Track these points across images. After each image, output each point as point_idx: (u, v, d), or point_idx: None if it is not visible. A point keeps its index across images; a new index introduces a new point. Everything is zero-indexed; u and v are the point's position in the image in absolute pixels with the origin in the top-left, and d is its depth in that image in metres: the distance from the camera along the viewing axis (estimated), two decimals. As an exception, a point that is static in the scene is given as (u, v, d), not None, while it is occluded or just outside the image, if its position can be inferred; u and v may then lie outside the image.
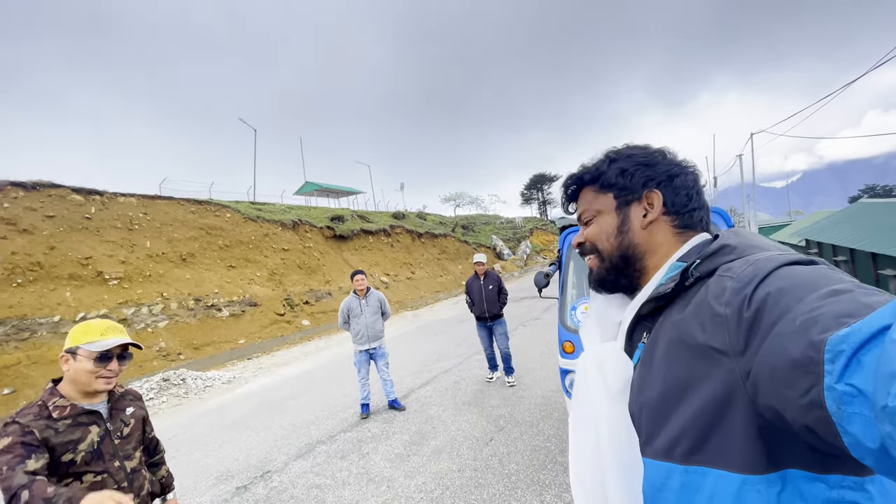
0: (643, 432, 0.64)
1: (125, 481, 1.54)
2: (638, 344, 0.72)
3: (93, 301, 9.53)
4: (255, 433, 5.02)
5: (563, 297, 2.92)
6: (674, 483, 0.58)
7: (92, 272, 9.98)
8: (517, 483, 3.23)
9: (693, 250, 0.70)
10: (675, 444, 0.58)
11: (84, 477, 1.43)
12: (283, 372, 8.54)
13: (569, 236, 3.12)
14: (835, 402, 0.38)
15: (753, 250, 0.60)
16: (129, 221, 11.69)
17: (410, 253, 23.06)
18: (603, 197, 0.80)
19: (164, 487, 1.89)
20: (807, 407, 0.41)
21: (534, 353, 7.08)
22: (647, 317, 0.71)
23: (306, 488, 3.56)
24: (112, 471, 1.51)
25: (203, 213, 14.02)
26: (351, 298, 5.14)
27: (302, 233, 17.37)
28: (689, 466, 0.56)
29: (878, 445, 0.35)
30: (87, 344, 1.46)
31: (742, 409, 0.51)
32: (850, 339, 0.38)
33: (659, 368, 0.63)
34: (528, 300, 13.99)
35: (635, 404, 0.67)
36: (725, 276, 0.57)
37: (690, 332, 0.58)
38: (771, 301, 0.48)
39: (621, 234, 0.77)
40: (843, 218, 14.24)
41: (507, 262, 31.14)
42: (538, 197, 59.17)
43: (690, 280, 0.63)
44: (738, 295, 0.52)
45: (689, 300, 0.62)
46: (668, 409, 0.60)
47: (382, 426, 4.72)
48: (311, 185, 29.78)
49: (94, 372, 1.47)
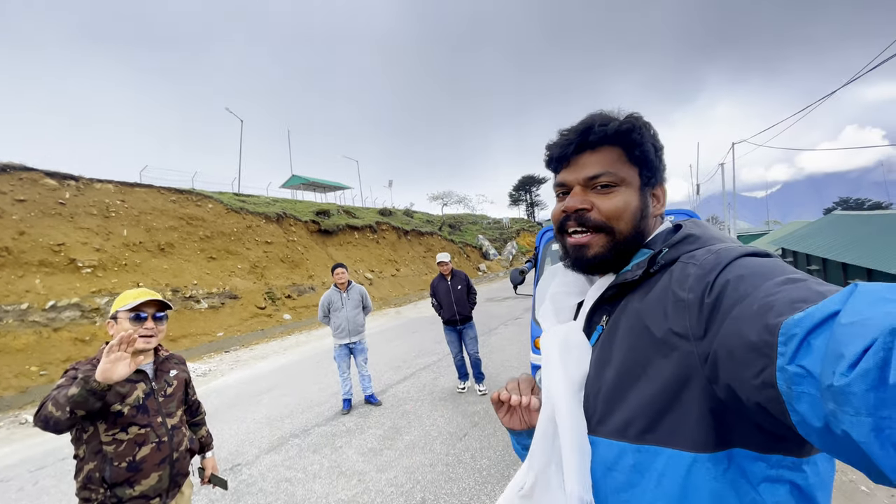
0: (598, 412, 0.64)
1: (166, 436, 1.68)
2: (596, 326, 0.71)
3: (64, 289, 9.25)
4: (228, 426, 4.94)
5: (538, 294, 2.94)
6: (625, 462, 0.59)
7: (64, 259, 9.68)
8: (487, 478, 3.25)
9: (658, 238, 0.71)
10: (629, 424, 0.59)
11: (129, 429, 1.59)
12: (260, 365, 8.42)
13: (546, 234, 3.14)
14: (785, 382, 0.40)
15: (714, 241, 0.63)
16: (106, 208, 11.39)
17: (396, 250, 22.98)
18: (628, 168, 0.70)
19: (204, 446, 2.07)
20: (760, 387, 0.43)
21: (512, 351, 7.14)
22: (608, 300, 0.71)
23: (276, 482, 3.52)
24: (154, 425, 1.65)
25: (184, 202, 13.74)
26: (331, 292, 5.09)
27: (286, 226, 17.16)
28: (641, 446, 0.58)
29: (823, 423, 0.37)
30: (123, 307, 1.63)
31: (697, 391, 0.53)
32: (803, 323, 0.40)
33: (618, 351, 0.64)
34: (511, 300, 14.09)
35: (592, 385, 0.67)
36: (689, 264, 0.59)
37: (652, 317, 0.60)
38: (731, 287, 0.50)
39: (644, 218, 0.71)
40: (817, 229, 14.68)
41: (492, 262, 31.27)
42: (526, 198, 59.52)
43: (656, 267, 0.64)
44: (700, 281, 0.54)
45: (653, 286, 0.63)
46: (624, 390, 0.61)
47: (357, 420, 4.70)
48: (297, 179, 29.42)
49: (133, 330, 1.58)
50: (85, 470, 1.55)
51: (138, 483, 1.58)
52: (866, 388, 0.33)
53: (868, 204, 42.72)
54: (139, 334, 1.62)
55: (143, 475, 1.60)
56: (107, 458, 1.55)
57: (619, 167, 0.69)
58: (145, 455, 1.61)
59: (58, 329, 8.71)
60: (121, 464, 1.55)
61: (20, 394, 7.31)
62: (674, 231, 0.70)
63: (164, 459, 1.67)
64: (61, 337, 8.63)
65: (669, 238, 0.67)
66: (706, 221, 0.73)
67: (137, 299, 1.66)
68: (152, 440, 1.64)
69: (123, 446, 1.57)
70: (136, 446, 1.59)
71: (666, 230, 0.72)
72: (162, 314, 1.75)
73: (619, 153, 0.70)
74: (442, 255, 5.43)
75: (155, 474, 1.63)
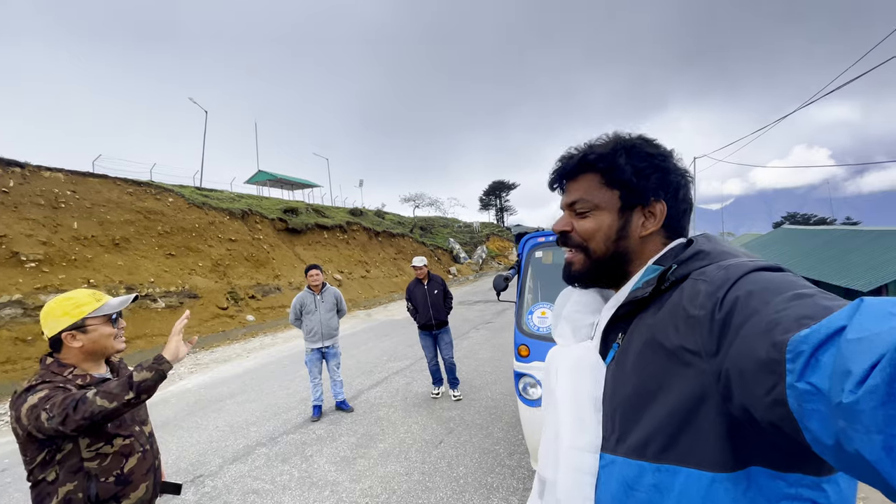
0: (616, 431, 0.64)
1: (147, 444, 1.61)
2: (612, 344, 0.71)
3: (4, 284, 8.50)
4: (188, 434, 4.66)
5: (521, 302, 2.94)
6: (646, 482, 0.59)
7: (6, 252, 8.91)
8: (465, 486, 3.21)
9: (669, 254, 0.70)
10: (648, 443, 0.59)
11: (114, 440, 1.48)
12: (222, 369, 8.04)
13: (529, 241, 3.14)
14: (796, 399, 0.40)
15: (725, 256, 0.62)
16: (55, 199, 10.58)
17: (366, 251, 22.64)
18: (607, 192, 0.74)
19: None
20: (771, 405, 0.43)
21: (485, 356, 7.14)
22: (622, 318, 0.70)
23: (242, 494, 3.34)
24: (136, 434, 1.57)
25: (142, 195, 12.98)
26: (305, 294, 4.91)
27: (252, 223, 16.54)
28: (660, 465, 0.57)
29: (834, 441, 0.37)
30: (94, 312, 1.50)
31: (713, 409, 0.53)
32: (810, 339, 0.39)
33: (633, 369, 0.63)
34: (482, 304, 14.16)
35: (609, 404, 0.67)
36: (700, 280, 0.58)
37: (665, 334, 0.59)
38: (740, 304, 0.50)
39: (619, 238, 0.74)
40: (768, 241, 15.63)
41: (462, 266, 31.39)
42: (496, 203, 60.21)
43: (667, 284, 0.63)
44: (710, 298, 0.54)
45: (664, 303, 0.62)
46: (641, 408, 0.61)
47: (328, 428, 4.54)
48: (263, 175, 28.49)
49: (111, 334, 1.54)
50: (61, 493, 1.39)
51: (126, 497, 1.48)
52: (875, 405, 0.33)
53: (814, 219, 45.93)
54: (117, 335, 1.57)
55: (133, 487, 1.50)
56: (90, 476, 1.43)
57: (595, 192, 0.74)
58: (133, 466, 1.51)
59: (-4, 327, 8.00)
60: (108, 479, 1.45)
61: (-52, 399, 6.65)
62: (685, 247, 0.69)
63: (150, 468, 1.58)
64: (1, 336, 7.93)
65: (680, 254, 0.67)
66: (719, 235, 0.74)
67: (102, 301, 1.54)
68: (138, 450, 1.55)
69: (109, 460, 1.46)
70: (122, 458, 1.49)
71: (678, 246, 0.71)
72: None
73: (597, 179, 0.74)
74: (418, 259, 5.32)
75: (143, 485, 1.54)
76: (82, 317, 1.49)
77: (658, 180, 0.72)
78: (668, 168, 0.73)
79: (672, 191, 0.73)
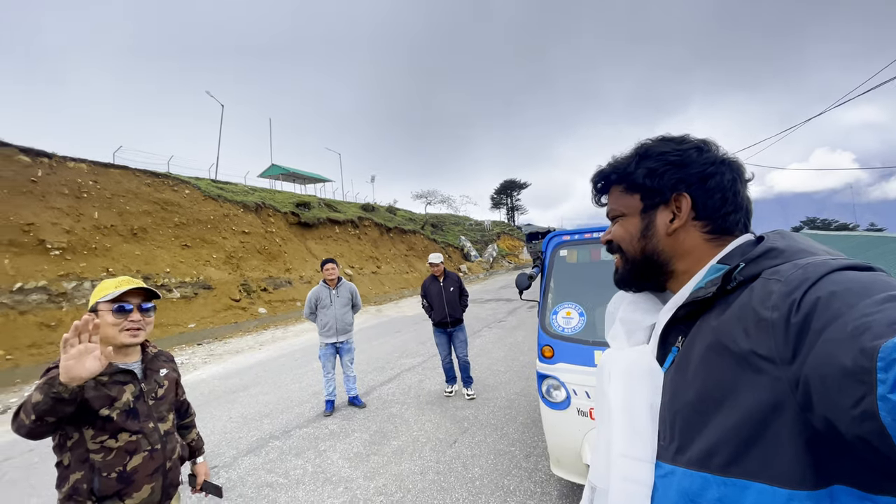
0: (676, 440, 0.61)
1: (158, 443, 1.53)
2: (671, 349, 0.68)
3: (32, 271, 8.67)
4: (203, 424, 4.67)
5: (545, 301, 2.86)
6: (710, 495, 0.55)
7: (33, 240, 9.09)
8: (481, 488, 3.15)
9: (736, 252, 0.66)
10: (713, 454, 0.55)
11: (119, 435, 1.43)
12: (235, 360, 8.11)
13: (553, 239, 3.07)
14: (889, 413, 0.37)
15: (802, 254, 0.57)
16: (78, 189, 10.76)
17: (377, 247, 22.69)
18: (629, 198, 0.77)
19: (194, 451, 1.90)
20: (860, 418, 0.39)
21: (499, 355, 7.08)
22: (682, 320, 0.67)
23: (257, 486, 3.33)
24: (147, 431, 1.50)
25: (160, 186, 13.15)
26: (320, 288, 4.90)
27: (265, 216, 16.67)
28: (727, 479, 0.53)
29: None
30: (104, 298, 1.46)
31: (789, 420, 0.48)
32: None
33: (695, 374, 0.60)
34: (494, 302, 14.08)
35: (668, 410, 0.64)
36: (772, 280, 0.54)
37: (732, 338, 0.55)
38: (821, 306, 0.46)
39: (644, 238, 0.75)
40: (789, 246, 15.25)
41: (473, 264, 31.33)
42: (507, 202, 59.96)
43: (733, 284, 0.59)
44: (786, 299, 0.49)
45: (730, 304, 0.58)
46: (704, 416, 0.57)
47: (341, 423, 4.53)
48: (277, 169, 28.69)
49: (117, 324, 1.46)
50: (71, 480, 1.38)
51: (129, 496, 1.42)
52: None
53: (835, 225, 44.81)
54: (124, 328, 1.47)
55: (135, 487, 1.44)
56: (94, 469, 1.39)
57: (620, 200, 0.78)
58: (137, 465, 1.45)
59: (24, 312, 8.17)
60: (110, 474, 1.40)
61: (-24, 380, 6.81)
62: (755, 244, 0.64)
63: (157, 469, 1.51)
64: (27, 321, 8.10)
65: (749, 252, 0.62)
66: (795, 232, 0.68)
67: (119, 288, 1.48)
68: (144, 448, 1.48)
69: (113, 455, 1.41)
70: (126, 455, 1.43)
71: (746, 243, 0.66)
72: (149, 305, 1.57)
73: (621, 188, 0.78)
74: (434, 256, 5.30)
75: (147, 486, 1.47)
76: (95, 300, 1.47)
77: (675, 175, 0.71)
78: (685, 161, 0.71)
79: (696, 182, 0.70)
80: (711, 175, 0.69)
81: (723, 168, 0.70)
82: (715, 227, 0.70)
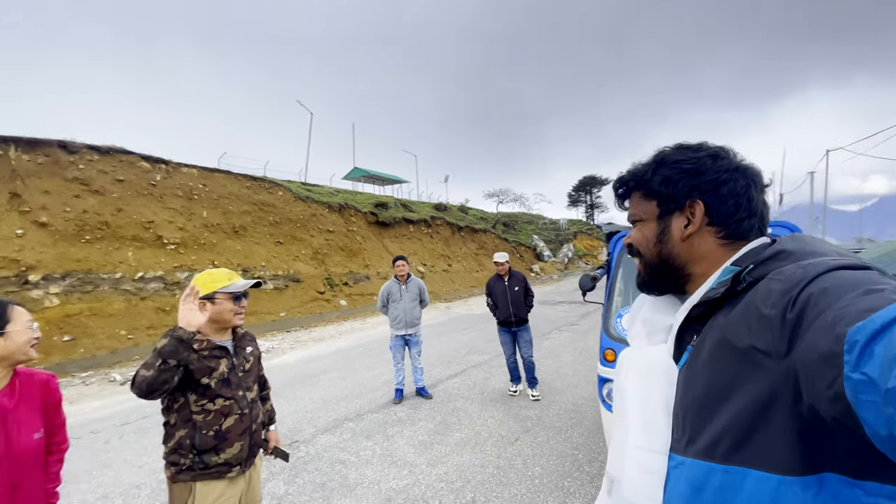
0: (687, 432, 0.64)
1: (247, 408, 1.80)
2: (686, 347, 0.71)
3: (151, 263, 10.21)
4: (287, 403, 5.20)
5: (609, 304, 2.78)
6: (713, 483, 0.58)
7: (153, 236, 10.69)
8: (540, 487, 3.15)
9: (748, 254, 0.69)
10: (717, 444, 0.58)
11: (216, 400, 1.70)
12: (318, 347, 8.82)
13: (620, 241, 2.97)
14: (852, 390, 0.40)
15: (811, 257, 0.58)
16: (190, 191, 12.41)
17: (449, 245, 23.11)
18: (647, 204, 0.81)
19: (268, 420, 2.17)
20: (833, 399, 0.42)
21: (567, 358, 6.90)
22: (696, 320, 0.70)
23: (331, 462, 3.65)
24: (237, 398, 1.77)
25: (257, 189, 14.67)
26: (391, 283, 5.19)
27: (347, 216, 17.81)
28: (729, 466, 0.57)
29: (888, 432, 0.37)
30: (223, 288, 1.77)
31: (783, 411, 0.52)
32: (865, 329, 0.39)
33: (704, 369, 0.63)
34: (567, 304, 13.67)
35: (680, 405, 0.68)
36: (774, 279, 0.57)
37: (737, 334, 0.58)
38: (812, 301, 0.49)
39: (660, 243, 0.78)
40: (929, 250, 12.84)
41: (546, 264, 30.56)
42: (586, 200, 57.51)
43: (742, 285, 0.62)
44: (783, 297, 0.53)
45: (738, 303, 0.62)
46: (711, 408, 0.60)
47: (409, 412, 4.76)
48: (358, 171, 30.43)
49: (234, 310, 1.79)
50: (176, 436, 1.67)
51: (223, 451, 1.69)
52: None
53: None
54: (237, 312, 1.82)
55: (228, 444, 1.71)
56: (196, 427, 1.66)
57: (639, 206, 0.82)
58: (230, 425, 1.71)
59: (144, 298, 9.65)
60: (209, 432, 1.67)
61: (110, 353, 8.19)
62: (767, 246, 0.67)
63: (245, 430, 1.77)
64: (146, 306, 9.55)
65: (760, 254, 0.65)
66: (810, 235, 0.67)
67: (232, 281, 1.80)
68: (236, 412, 1.74)
69: (211, 416, 1.68)
70: (222, 416, 1.70)
71: (759, 246, 0.69)
72: (246, 293, 1.88)
73: (640, 195, 0.82)
74: (499, 255, 5.29)
75: (238, 443, 1.73)
76: (213, 290, 1.75)
77: (689, 183, 0.74)
78: (700, 169, 0.74)
79: (710, 189, 0.72)
80: (725, 182, 0.72)
81: (736, 175, 0.73)
82: (729, 232, 0.73)
